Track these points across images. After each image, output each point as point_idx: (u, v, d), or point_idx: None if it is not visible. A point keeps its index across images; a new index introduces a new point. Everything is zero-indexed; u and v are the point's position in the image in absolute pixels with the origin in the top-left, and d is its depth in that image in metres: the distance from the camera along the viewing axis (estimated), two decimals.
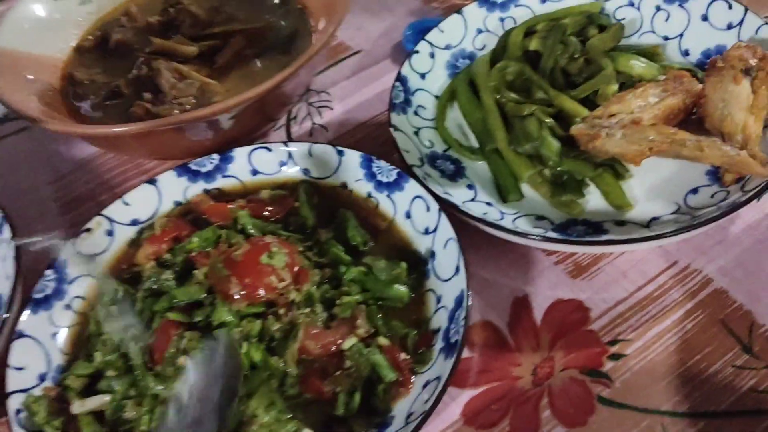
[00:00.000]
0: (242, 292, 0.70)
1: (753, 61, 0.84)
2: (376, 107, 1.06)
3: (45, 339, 0.77)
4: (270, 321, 0.71)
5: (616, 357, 0.74)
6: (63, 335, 0.78)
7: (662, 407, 0.70)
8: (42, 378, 0.75)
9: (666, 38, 0.99)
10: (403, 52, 1.11)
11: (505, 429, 0.71)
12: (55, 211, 1.00)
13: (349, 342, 0.70)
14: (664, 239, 0.76)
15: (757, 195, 0.76)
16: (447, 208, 0.80)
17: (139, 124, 0.84)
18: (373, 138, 1.02)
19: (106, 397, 0.71)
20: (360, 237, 0.80)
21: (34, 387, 0.73)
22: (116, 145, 0.93)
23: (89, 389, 0.73)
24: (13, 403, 0.71)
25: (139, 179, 1.01)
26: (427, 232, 0.80)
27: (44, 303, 0.79)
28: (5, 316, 0.75)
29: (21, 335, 0.76)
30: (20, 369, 0.74)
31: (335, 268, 0.77)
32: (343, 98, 1.08)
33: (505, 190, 0.87)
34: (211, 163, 0.90)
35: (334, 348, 0.70)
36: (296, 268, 0.74)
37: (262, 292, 0.71)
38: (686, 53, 0.97)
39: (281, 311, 0.72)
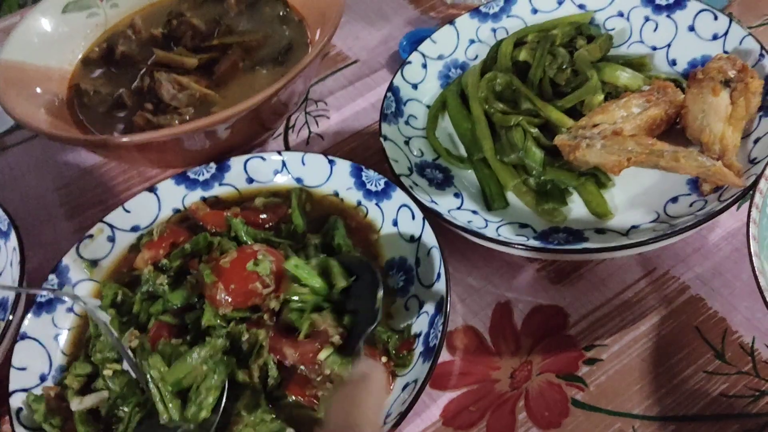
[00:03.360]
0: (228, 298, 0.74)
1: (732, 73, 0.86)
2: (371, 116, 1.09)
3: (47, 340, 0.81)
4: (239, 333, 0.74)
5: (591, 361, 0.77)
6: (64, 337, 0.82)
7: (634, 410, 0.73)
8: (43, 378, 0.79)
9: (654, 48, 1.01)
10: (399, 61, 1.13)
11: (483, 430, 0.74)
12: (61, 217, 1.04)
13: (325, 353, 0.72)
14: (641, 247, 0.78)
15: (733, 204, 0.78)
16: (433, 216, 0.83)
17: (139, 135, 0.87)
18: (367, 147, 1.05)
19: (104, 394, 0.75)
20: (345, 246, 0.83)
21: (35, 386, 0.77)
22: (118, 154, 0.97)
23: (87, 389, 0.77)
24: (15, 401, 0.75)
25: (141, 186, 1.05)
26: (412, 239, 0.83)
27: (47, 306, 0.83)
28: (9, 318, 0.79)
29: (24, 337, 0.80)
30: (22, 369, 0.78)
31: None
32: (340, 107, 1.11)
33: (490, 199, 0.89)
34: (208, 171, 0.93)
35: (311, 356, 0.72)
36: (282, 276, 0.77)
37: (246, 297, 0.74)
38: (673, 63, 0.99)
39: (266, 316, 0.75)
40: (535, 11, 1.07)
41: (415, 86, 1.01)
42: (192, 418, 0.69)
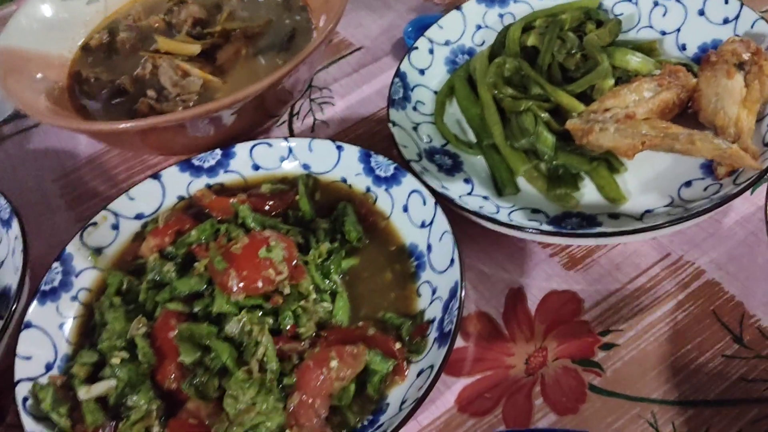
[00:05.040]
0: (240, 284, 0.72)
1: (746, 56, 0.85)
2: (376, 103, 1.07)
3: (52, 329, 0.79)
4: (246, 322, 0.73)
5: (607, 347, 0.76)
6: (69, 325, 0.80)
7: (652, 396, 0.72)
8: (49, 367, 0.77)
9: (663, 33, 1.00)
10: (403, 48, 1.12)
11: (498, 416, 0.72)
12: (62, 208, 1.02)
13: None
14: (656, 231, 0.77)
15: (749, 187, 0.77)
16: (444, 202, 0.81)
17: (143, 120, 0.85)
18: (374, 133, 1.04)
19: (112, 382, 0.73)
20: (355, 233, 0.82)
21: (41, 375, 0.76)
22: (121, 141, 0.96)
23: (94, 378, 0.75)
24: (21, 391, 0.74)
25: (143, 175, 1.03)
26: (423, 225, 0.82)
27: (51, 294, 0.81)
28: (13, 307, 0.77)
29: (29, 326, 0.78)
30: (28, 358, 0.76)
31: None
32: (345, 94, 1.10)
33: (501, 184, 0.88)
34: (213, 158, 0.92)
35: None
36: (294, 262, 0.75)
37: (260, 284, 0.73)
38: (683, 48, 0.98)
39: (280, 302, 0.73)
40: None
41: (422, 72, 1.00)
42: None
